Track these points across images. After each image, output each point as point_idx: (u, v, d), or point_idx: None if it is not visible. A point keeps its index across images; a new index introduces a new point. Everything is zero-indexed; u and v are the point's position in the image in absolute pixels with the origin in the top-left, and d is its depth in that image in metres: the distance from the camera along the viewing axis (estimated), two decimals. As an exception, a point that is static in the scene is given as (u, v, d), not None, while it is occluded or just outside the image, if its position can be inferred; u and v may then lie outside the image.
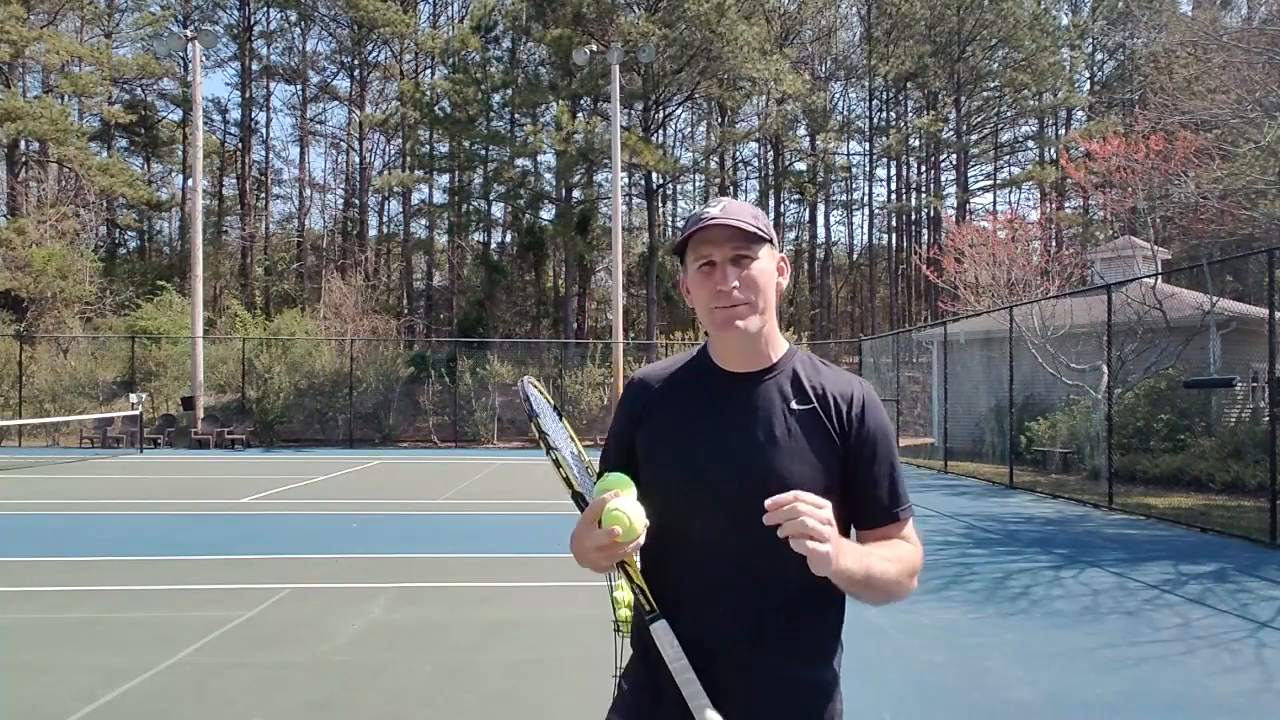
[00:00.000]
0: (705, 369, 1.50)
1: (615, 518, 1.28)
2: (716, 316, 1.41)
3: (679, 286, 1.57)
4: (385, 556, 7.64)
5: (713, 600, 1.39)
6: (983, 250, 17.32)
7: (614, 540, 1.28)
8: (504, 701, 4.08)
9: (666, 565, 1.43)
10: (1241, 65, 14.45)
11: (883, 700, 4.11)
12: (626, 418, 1.52)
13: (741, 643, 1.37)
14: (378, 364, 24.19)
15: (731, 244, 1.39)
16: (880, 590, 1.33)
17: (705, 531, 1.40)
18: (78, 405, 22.88)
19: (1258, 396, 14.85)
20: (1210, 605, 6.00)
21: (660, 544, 1.42)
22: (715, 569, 1.39)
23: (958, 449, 18.49)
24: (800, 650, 1.40)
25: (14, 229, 28.38)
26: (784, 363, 1.47)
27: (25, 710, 3.90)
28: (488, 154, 36.60)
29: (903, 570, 1.38)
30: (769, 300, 1.43)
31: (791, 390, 1.44)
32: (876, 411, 1.46)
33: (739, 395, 1.44)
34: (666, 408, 1.48)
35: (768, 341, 1.46)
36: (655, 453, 1.46)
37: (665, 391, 1.51)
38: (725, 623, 1.38)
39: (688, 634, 1.34)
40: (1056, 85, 39.10)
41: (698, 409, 1.46)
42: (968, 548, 8.28)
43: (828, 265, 45.74)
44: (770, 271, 1.44)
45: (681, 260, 1.46)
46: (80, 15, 34.95)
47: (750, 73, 32.81)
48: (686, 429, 1.45)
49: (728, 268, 1.39)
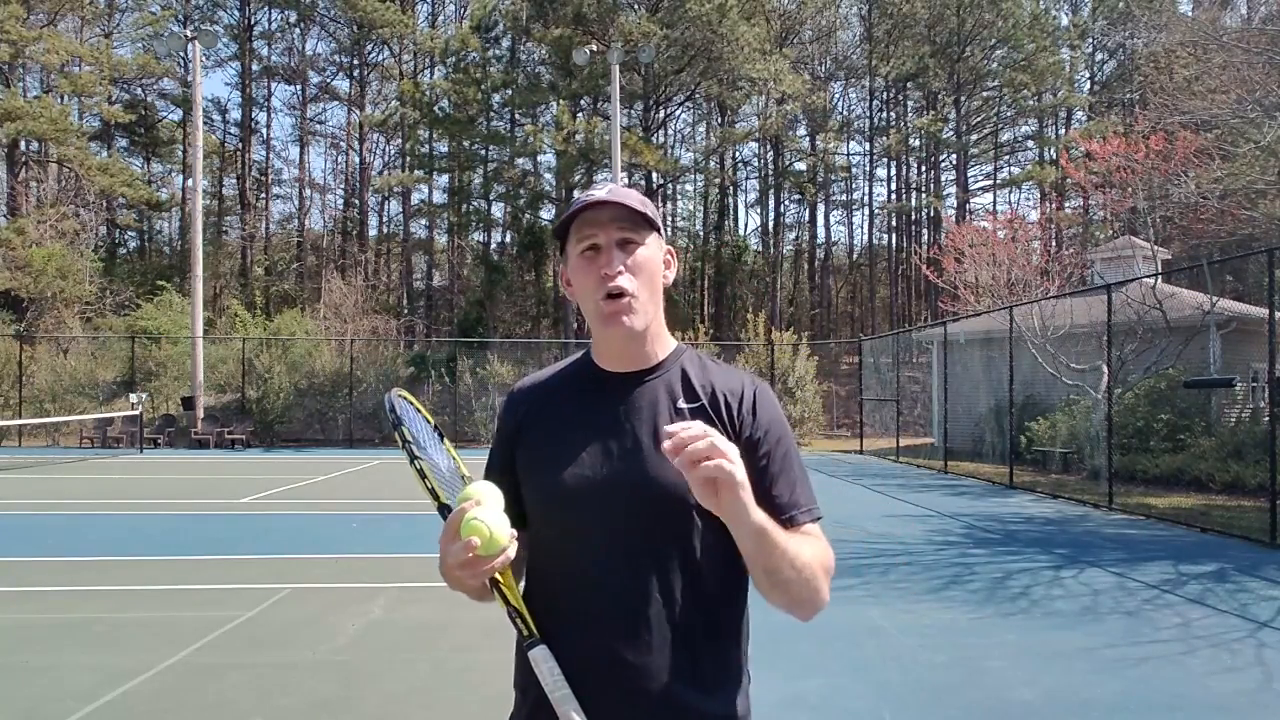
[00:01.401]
0: (586, 372, 1.39)
1: (473, 528, 1.14)
2: (603, 309, 1.29)
3: (560, 280, 1.45)
4: (385, 556, 7.64)
5: (596, 623, 1.26)
6: (983, 250, 17.32)
7: (473, 554, 1.15)
8: (504, 701, 4.07)
9: (548, 586, 1.32)
10: (1241, 65, 14.45)
11: (883, 700, 4.11)
12: (506, 433, 1.41)
13: (628, 669, 1.24)
14: (378, 364, 24.20)
15: (618, 226, 1.29)
16: (791, 565, 1.19)
17: (589, 547, 1.28)
18: (78, 405, 22.88)
19: (1258, 396, 14.85)
20: (1210, 605, 6.00)
21: (542, 564, 1.33)
22: (600, 589, 1.26)
23: (958, 449, 18.48)
24: (697, 677, 1.26)
25: (14, 229, 28.38)
26: (670, 361, 1.37)
27: (25, 710, 3.90)
28: (488, 154, 36.61)
29: (816, 557, 1.24)
30: (656, 292, 1.33)
31: (679, 389, 1.34)
32: (770, 408, 1.34)
33: (622, 397, 1.33)
34: (545, 418, 1.37)
35: (654, 338, 1.35)
36: (534, 466, 1.34)
37: (544, 401, 1.40)
38: (611, 648, 1.24)
39: (571, 662, 1.21)
40: (1056, 85, 39.11)
41: (577, 416, 1.34)
42: (968, 548, 8.28)
43: (828, 265, 45.73)
44: (657, 261, 1.33)
45: (562, 250, 1.35)
46: (80, 15, 34.96)
47: (750, 73, 32.84)
48: (565, 438, 1.33)
49: (614, 251, 1.28)
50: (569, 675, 1.20)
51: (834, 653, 4.76)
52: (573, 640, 1.24)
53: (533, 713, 1.30)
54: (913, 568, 7.29)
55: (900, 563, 7.50)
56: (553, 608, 1.28)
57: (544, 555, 1.33)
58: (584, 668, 1.22)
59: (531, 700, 1.30)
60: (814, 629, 4.93)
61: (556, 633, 1.25)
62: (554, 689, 1.19)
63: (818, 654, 4.69)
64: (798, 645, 4.68)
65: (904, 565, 7.39)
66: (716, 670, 1.29)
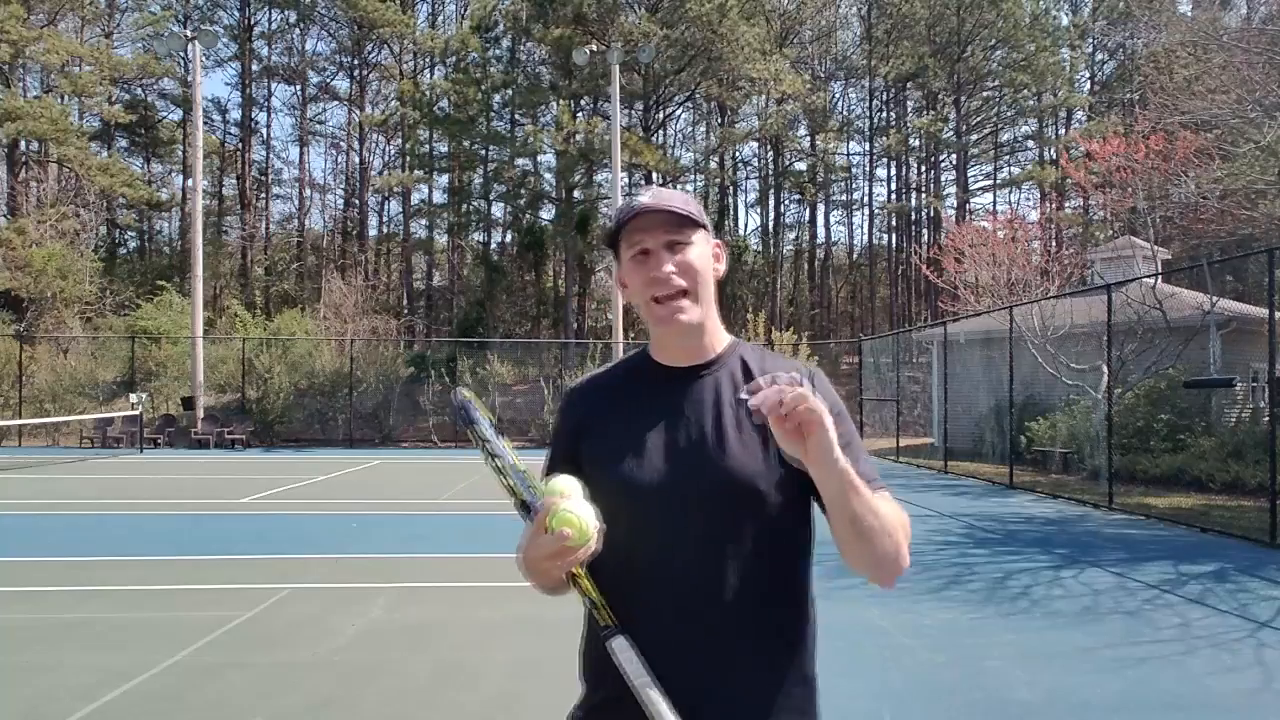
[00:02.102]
0: (646, 368, 1.44)
1: (565, 519, 1.18)
2: (656, 310, 1.35)
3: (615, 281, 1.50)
4: (385, 556, 7.64)
5: (669, 613, 1.30)
6: (983, 250, 17.32)
7: (564, 545, 1.18)
8: (504, 701, 4.09)
9: (621, 578, 1.33)
10: (1241, 65, 14.45)
11: (883, 700, 4.11)
12: (567, 433, 1.45)
13: (703, 656, 1.29)
14: (378, 364, 24.19)
15: (665, 230, 1.34)
16: (873, 513, 1.22)
17: (659, 540, 1.32)
18: (78, 405, 22.88)
19: (1258, 396, 14.85)
20: (1210, 605, 6.00)
21: (614, 557, 1.33)
22: (671, 579, 1.31)
23: (958, 449, 18.48)
24: (766, 661, 1.32)
25: (14, 229, 28.37)
26: (728, 354, 1.42)
27: (25, 710, 3.90)
28: (488, 154, 36.59)
29: (893, 512, 1.27)
30: (708, 288, 1.38)
31: (738, 380, 1.38)
32: (827, 391, 1.37)
33: (683, 392, 1.38)
34: (608, 414, 1.42)
35: (711, 332, 1.40)
36: (600, 463, 1.38)
37: (605, 398, 1.44)
38: (684, 636, 1.29)
39: (646, 649, 1.25)
40: (1056, 85, 39.08)
41: (641, 411, 1.39)
42: (968, 548, 8.28)
43: (828, 265, 45.73)
44: (707, 257, 1.38)
45: (615, 255, 1.41)
46: (80, 15, 34.96)
47: (750, 73, 32.83)
48: (630, 433, 1.37)
49: (662, 253, 1.34)
50: (652, 664, 1.24)
51: (834, 653, 4.76)
52: (647, 630, 1.27)
53: (604, 703, 1.35)
54: (913, 568, 7.20)
55: (900, 563, 7.48)
56: (625, 598, 1.30)
57: (612, 548, 1.32)
58: (659, 656, 1.25)
59: (604, 693, 1.34)
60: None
61: (630, 623, 1.28)
62: (636, 676, 1.23)
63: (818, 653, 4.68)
64: (798, 645, 4.67)
65: (904, 565, 7.38)
66: (786, 650, 1.35)
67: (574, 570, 1.26)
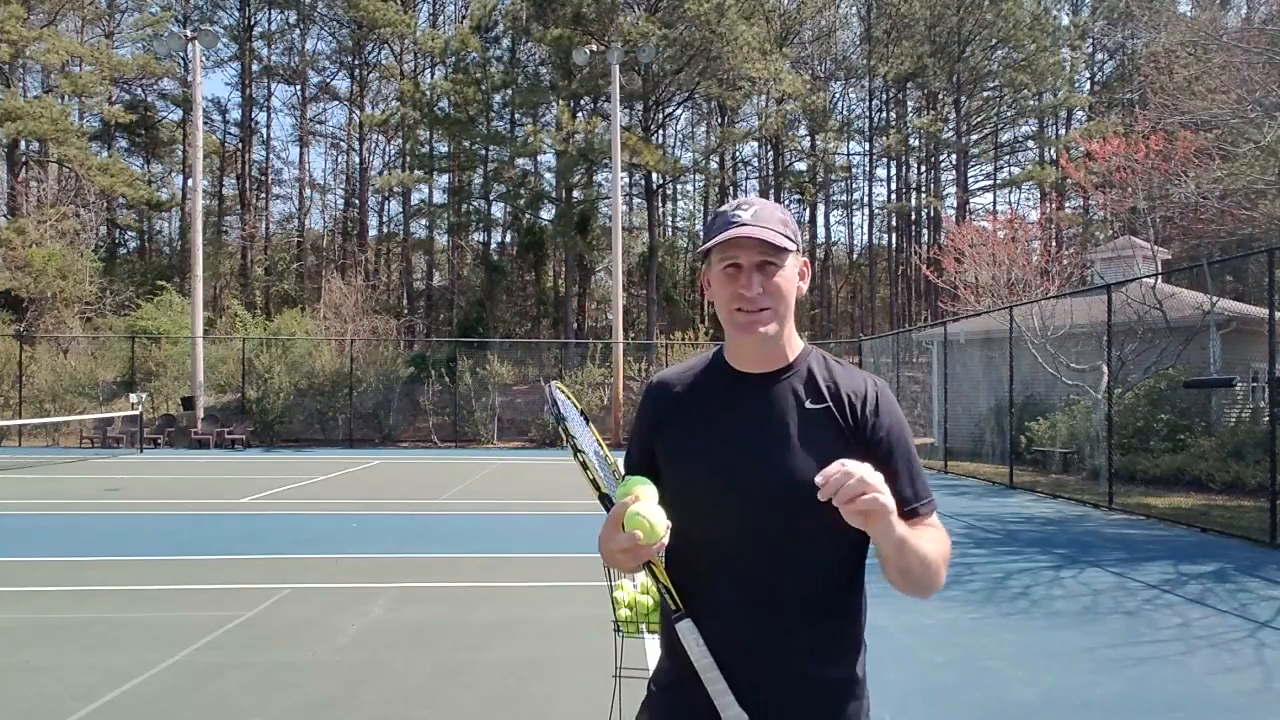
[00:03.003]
0: (721, 371, 1.51)
1: (637, 522, 1.30)
2: (737, 319, 1.42)
3: (699, 280, 1.57)
4: (385, 556, 7.64)
5: (733, 601, 1.40)
6: (983, 250, 17.32)
7: (636, 544, 1.30)
8: (504, 701, 4.08)
9: (689, 566, 1.44)
10: (1241, 65, 14.44)
11: (883, 700, 4.09)
12: (647, 423, 1.54)
13: (763, 643, 1.39)
14: (378, 364, 24.20)
15: (760, 251, 1.40)
16: (920, 563, 1.33)
17: (724, 533, 1.41)
18: (78, 405, 22.88)
19: (1258, 396, 14.85)
20: (1210, 605, 6.00)
21: (683, 545, 1.44)
22: (735, 570, 1.41)
23: (958, 449, 18.48)
24: (822, 649, 1.41)
25: (14, 229, 28.36)
26: (799, 362, 1.48)
27: (25, 710, 3.90)
28: (488, 154, 36.59)
29: (938, 549, 1.38)
30: (789, 306, 1.44)
31: (806, 389, 1.45)
32: (891, 408, 1.47)
33: (754, 397, 1.46)
34: (684, 412, 1.50)
35: (785, 342, 1.47)
36: (674, 457, 1.48)
37: (683, 395, 1.52)
38: (746, 623, 1.39)
39: (711, 634, 1.37)
40: (1056, 85, 39.07)
41: (714, 412, 1.47)
42: (968, 548, 8.28)
43: (828, 265, 45.70)
44: (793, 278, 1.45)
45: (706, 255, 1.47)
46: (80, 15, 34.95)
47: (750, 73, 32.81)
48: (703, 432, 1.46)
49: (753, 274, 1.40)
50: (710, 647, 1.36)
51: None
52: (713, 619, 1.38)
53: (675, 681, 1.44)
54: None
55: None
56: (694, 588, 1.42)
57: (684, 539, 1.41)
58: (723, 645, 1.36)
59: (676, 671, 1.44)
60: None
61: (698, 611, 1.39)
62: (699, 658, 1.35)
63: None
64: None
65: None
66: (840, 643, 1.43)
67: (653, 561, 1.38)
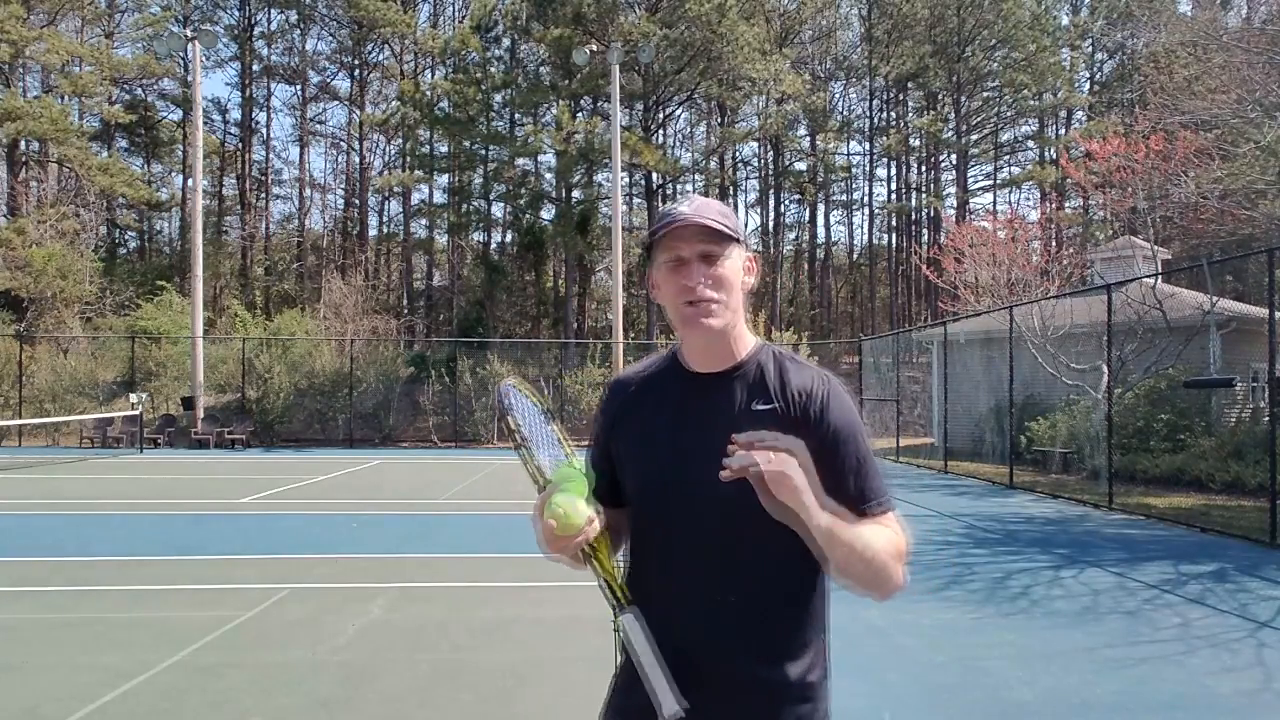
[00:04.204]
0: (674, 371, 1.51)
1: (551, 510, 1.32)
2: (684, 313, 1.41)
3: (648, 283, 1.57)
4: (385, 556, 7.64)
5: (681, 601, 1.40)
6: (983, 250, 17.33)
7: (552, 533, 1.32)
8: (504, 701, 4.08)
9: (640, 565, 1.47)
10: (1241, 65, 14.45)
11: (883, 700, 4.11)
12: (604, 423, 1.56)
13: (709, 644, 1.38)
14: (378, 364, 24.19)
15: (701, 241, 1.40)
16: (860, 558, 1.30)
17: (672, 533, 1.42)
18: (78, 405, 22.87)
19: (1258, 396, 14.85)
20: (1210, 605, 6.00)
21: (636, 544, 1.47)
22: (682, 570, 1.41)
23: (958, 449, 18.48)
24: (765, 653, 1.39)
25: (14, 229, 28.37)
26: (749, 361, 1.47)
27: (25, 710, 3.90)
28: (488, 154, 36.59)
29: (887, 547, 1.35)
30: (736, 299, 1.44)
31: (753, 390, 1.44)
32: (840, 407, 1.43)
33: (702, 397, 1.45)
34: (637, 412, 1.51)
35: (735, 340, 1.46)
36: (627, 457, 1.50)
37: (637, 395, 1.53)
38: (694, 624, 1.39)
39: (658, 631, 1.36)
40: (1056, 85, 39.08)
41: (663, 413, 1.47)
42: (968, 548, 8.28)
43: (828, 265, 45.73)
44: (738, 270, 1.44)
45: (649, 256, 1.47)
46: (80, 15, 34.95)
47: (750, 73, 32.80)
48: (652, 433, 1.47)
49: (696, 264, 1.40)
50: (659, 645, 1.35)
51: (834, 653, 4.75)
52: (660, 615, 1.38)
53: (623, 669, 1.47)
54: (913, 567, 7.22)
55: (900, 563, 7.49)
56: (643, 585, 1.44)
57: (640, 535, 1.47)
58: (669, 641, 1.36)
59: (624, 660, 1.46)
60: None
61: (647, 607, 1.39)
62: (640, 652, 1.34)
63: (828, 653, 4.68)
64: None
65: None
66: (792, 645, 1.41)
67: (587, 550, 1.38)
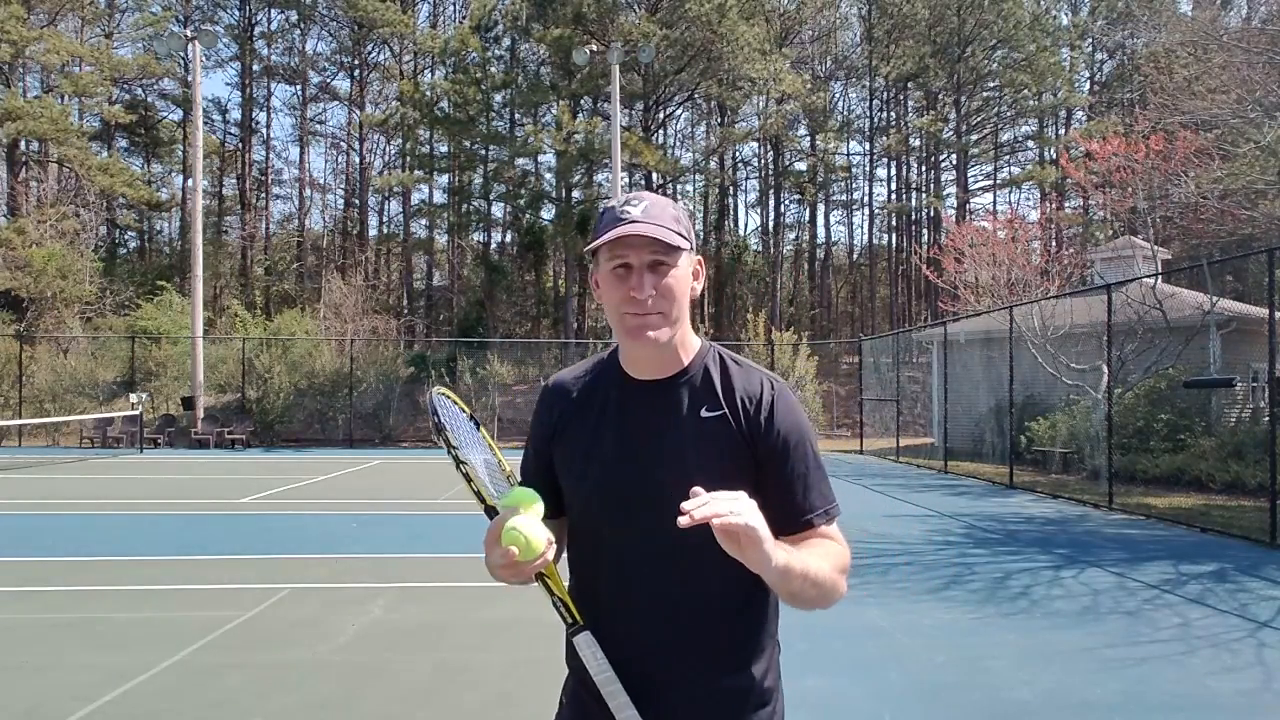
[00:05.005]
0: (615, 377, 1.44)
1: (512, 537, 1.25)
2: (628, 322, 1.33)
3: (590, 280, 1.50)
4: (385, 556, 7.64)
5: (630, 612, 1.37)
6: (983, 250, 17.32)
7: (513, 560, 1.24)
8: (504, 702, 4.08)
9: (586, 578, 1.42)
10: (1241, 65, 14.45)
11: (883, 700, 4.10)
12: (542, 429, 1.48)
13: (661, 654, 1.35)
14: (378, 364, 24.20)
15: (651, 250, 1.31)
16: (812, 585, 1.26)
17: (618, 544, 1.38)
18: (78, 405, 22.88)
19: (1258, 396, 14.84)
20: (1210, 605, 6.00)
21: (580, 556, 1.43)
22: (630, 581, 1.37)
23: (958, 449, 18.47)
24: (723, 659, 1.37)
25: (14, 229, 28.37)
26: (694, 366, 1.41)
27: (25, 710, 3.90)
28: (488, 154, 36.61)
29: (834, 566, 1.31)
30: (683, 308, 1.37)
31: (701, 395, 1.39)
32: (789, 410, 1.39)
33: (646, 405, 1.39)
34: (578, 420, 1.44)
35: (680, 347, 1.40)
36: (569, 467, 1.43)
37: (577, 402, 1.46)
38: (644, 634, 1.36)
39: (609, 646, 1.33)
40: (1056, 85, 39.08)
41: (606, 421, 1.41)
42: (968, 548, 8.28)
43: (828, 265, 45.74)
44: (686, 278, 1.37)
45: (594, 253, 1.36)
46: (80, 15, 34.94)
47: (750, 73, 32.83)
48: (595, 443, 1.40)
49: (645, 274, 1.31)
50: (611, 660, 1.32)
51: (834, 653, 4.76)
52: (611, 628, 1.35)
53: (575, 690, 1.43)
54: (913, 568, 7.29)
55: (900, 563, 7.50)
56: (592, 598, 1.39)
57: (581, 547, 1.42)
58: (622, 654, 1.33)
59: (575, 680, 1.43)
60: (814, 629, 4.93)
61: (597, 621, 1.36)
62: (598, 672, 1.31)
63: (817, 654, 4.70)
64: (797, 645, 4.68)
65: (904, 565, 7.40)
66: (746, 650, 1.39)
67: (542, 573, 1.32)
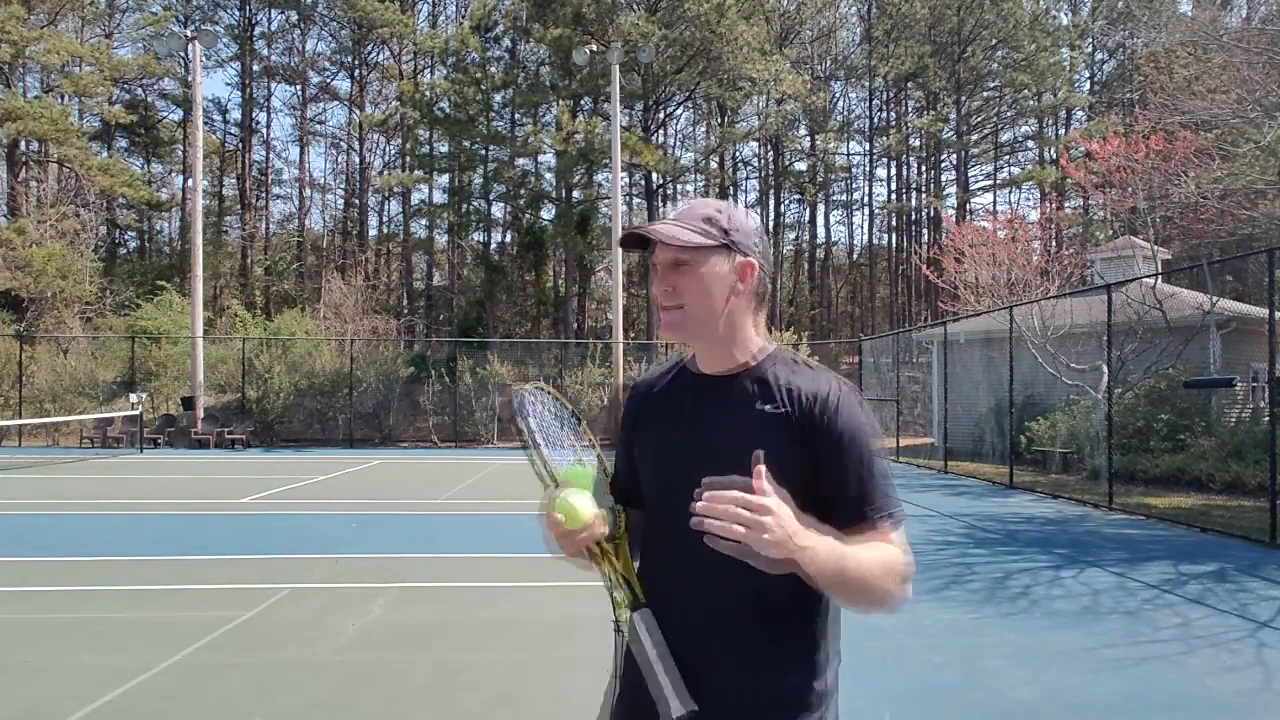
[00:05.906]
0: (685, 374, 1.54)
1: (559, 505, 1.35)
2: (659, 317, 1.47)
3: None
4: (385, 556, 7.64)
5: (686, 605, 1.40)
6: (983, 250, 17.32)
7: (560, 528, 1.35)
8: (504, 702, 4.08)
9: (652, 563, 1.49)
10: (1241, 65, 14.45)
11: (883, 700, 4.10)
12: (625, 427, 1.59)
13: (713, 647, 1.38)
14: (378, 364, 24.18)
15: (670, 249, 1.43)
16: (859, 586, 1.27)
17: (678, 536, 1.37)
18: (78, 405, 22.86)
19: (1258, 396, 14.85)
20: (1210, 605, 6.00)
21: (650, 542, 1.50)
22: (687, 574, 1.40)
23: (958, 449, 18.48)
24: (774, 658, 1.38)
25: (14, 229, 28.37)
26: (758, 365, 1.46)
27: (25, 710, 3.90)
28: (488, 154, 36.60)
29: (885, 567, 1.31)
30: (711, 306, 1.42)
31: (761, 392, 1.43)
32: (851, 412, 1.40)
33: (709, 399, 1.47)
34: (652, 415, 1.54)
35: (736, 344, 1.47)
36: (642, 460, 1.52)
37: (653, 399, 1.56)
38: (697, 627, 1.39)
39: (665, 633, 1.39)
40: (1056, 85, 39.09)
41: (673, 416, 1.50)
42: (968, 548, 8.28)
43: (828, 265, 45.73)
44: (717, 276, 1.42)
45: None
46: (80, 15, 34.94)
47: (750, 73, 32.82)
48: (662, 435, 1.49)
49: (666, 272, 1.44)
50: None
51: (834, 653, 4.75)
52: (664, 611, 1.40)
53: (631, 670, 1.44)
54: (913, 568, 7.28)
55: (900, 563, 7.49)
56: (653, 583, 1.45)
57: (646, 535, 1.50)
58: (674, 641, 1.38)
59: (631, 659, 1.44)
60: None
61: (653, 602, 1.42)
62: (652, 647, 1.36)
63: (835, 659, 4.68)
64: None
65: (904, 565, 7.38)
66: (797, 649, 1.40)
67: (597, 551, 1.42)
